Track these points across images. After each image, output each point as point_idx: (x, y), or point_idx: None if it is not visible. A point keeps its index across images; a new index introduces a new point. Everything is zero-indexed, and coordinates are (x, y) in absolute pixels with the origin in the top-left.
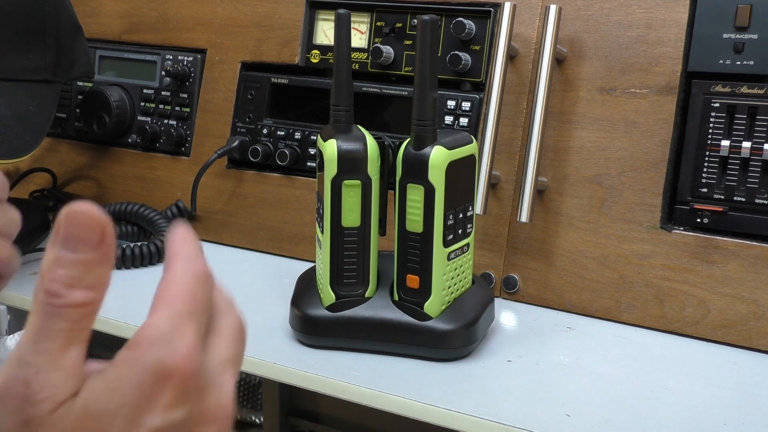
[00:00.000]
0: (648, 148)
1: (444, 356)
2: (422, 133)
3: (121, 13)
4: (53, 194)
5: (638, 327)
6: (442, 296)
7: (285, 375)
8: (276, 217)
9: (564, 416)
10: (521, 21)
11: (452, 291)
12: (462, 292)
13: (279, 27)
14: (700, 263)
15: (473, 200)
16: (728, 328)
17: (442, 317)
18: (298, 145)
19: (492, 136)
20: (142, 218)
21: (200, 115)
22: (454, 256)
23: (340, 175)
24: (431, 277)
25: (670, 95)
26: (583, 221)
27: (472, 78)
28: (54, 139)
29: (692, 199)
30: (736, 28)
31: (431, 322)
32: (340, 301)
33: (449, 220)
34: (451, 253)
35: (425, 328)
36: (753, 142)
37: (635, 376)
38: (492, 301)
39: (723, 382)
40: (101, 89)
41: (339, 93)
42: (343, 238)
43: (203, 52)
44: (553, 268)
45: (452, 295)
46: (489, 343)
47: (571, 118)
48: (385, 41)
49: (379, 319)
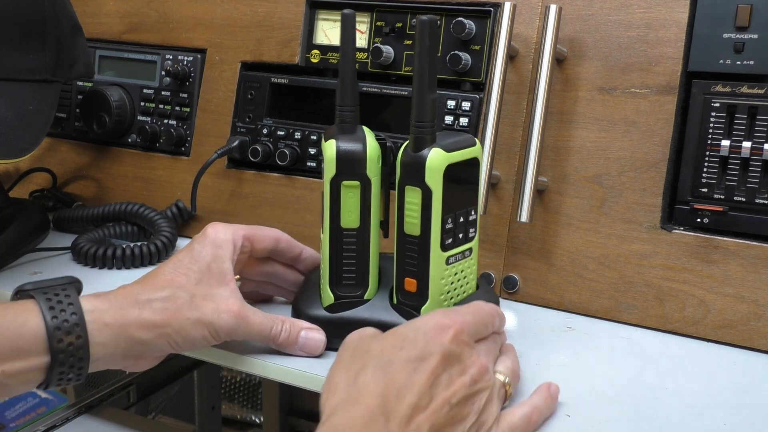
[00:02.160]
0: (648, 148)
1: None
2: (420, 134)
3: (121, 13)
4: (53, 194)
5: (638, 327)
6: (440, 301)
7: (285, 375)
8: (276, 217)
9: (564, 416)
10: (521, 21)
11: (452, 296)
12: (464, 297)
13: (279, 27)
14: (700, 263)
15: (476, 204)
16: (728, 328)
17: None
18: (298, 145)
19: (492, 136)
20: (142, 218)
21: (200, 115)
22: (453, 261)
23: (339, 175)
24: (428, 281)
25: (670, 95)
26: (583, 221)
27: (472, 78)
28: (54, 139)
29: (692, 199)
30: (736, 28)
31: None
32: (338, 302)
33: (448, 223)
34: (451, 257)
35: None
36: (753, 142)
37: (635, 376)
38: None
39: (723, 382)
40: (101, 89)
41: (344, 93)
42: (342, 239)
43: (203, 52)
44: (553, 268)
45: (452, 300)
46: None
47: (571, 118)
48: (385, 41)
49: (376, 321)
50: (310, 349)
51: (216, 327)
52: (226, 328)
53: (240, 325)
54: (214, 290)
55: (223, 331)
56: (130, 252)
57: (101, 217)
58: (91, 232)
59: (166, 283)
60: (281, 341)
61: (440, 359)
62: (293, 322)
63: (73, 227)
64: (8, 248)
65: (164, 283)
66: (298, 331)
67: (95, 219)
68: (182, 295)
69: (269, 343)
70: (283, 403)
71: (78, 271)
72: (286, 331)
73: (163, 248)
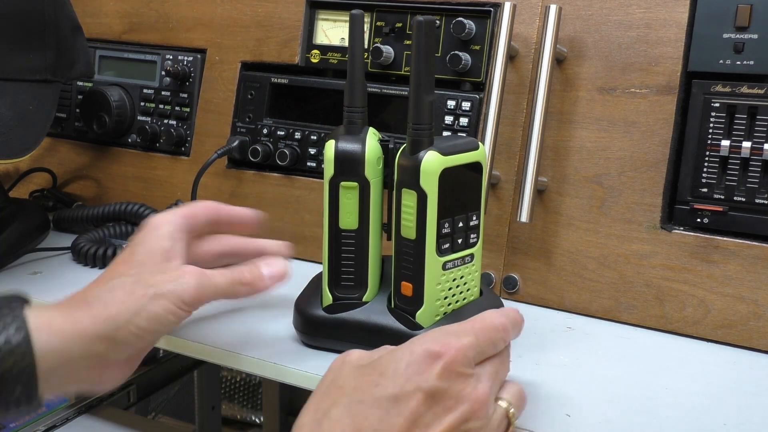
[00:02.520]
0: (648, 148)
1: None
2: (417, 137)
3: (121, 13)
4: (53, 194)
5: (638, 327)
6: (436, 306)
7: (285, 375)
8: (276, 217)
9: (564, 416)
10: (521, 21)
11: (449, 302)
12: (464, 303)
13: (279, 27)
14: (700, 263)
15: (479, 209)
16: (728, 328)
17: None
18: (298, 145)
19: (492, 136)
20: (142, 218)
21: (200, 115)
22: (451, 266)
23: (338, 176)
24: (423, 286)
25: (670, 95)
26: (583, 221)
27: (472, 78)
28: (54, 139)
29: (692, 199)
30: (736, 28)
31: (422, 332)
32: (336, 302)
33: (444, 228)
34: (448, 262)
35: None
36: (753, 142)
37: (635, 376)
38: None
39: (723, 382)
40: (101, 89)
41: (353, 94)
42: (340, 240)
43: (203, 52)
44: (553, 268)
45: (450, 306)
46: None
47: (571, 118)
48: (385, 41)
49: (372, 324)
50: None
51: (179, 294)
52: (190, 290)
53: (204, 283)
54: (162, 266)
55: (187, 295)
56: None
57: (101, 217)
58: (91, 232)
59: (110, 276)
60: (248, 280)
61: (422, 398)
62: (251, 262)
63: (73, 227)
64: (8, 248)
65: (108, 277)
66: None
67: (95, 219)
68: (129, 279)
69: (237, 293)
70: (283, 403)
71: (78, 271)
72: (248, 271)
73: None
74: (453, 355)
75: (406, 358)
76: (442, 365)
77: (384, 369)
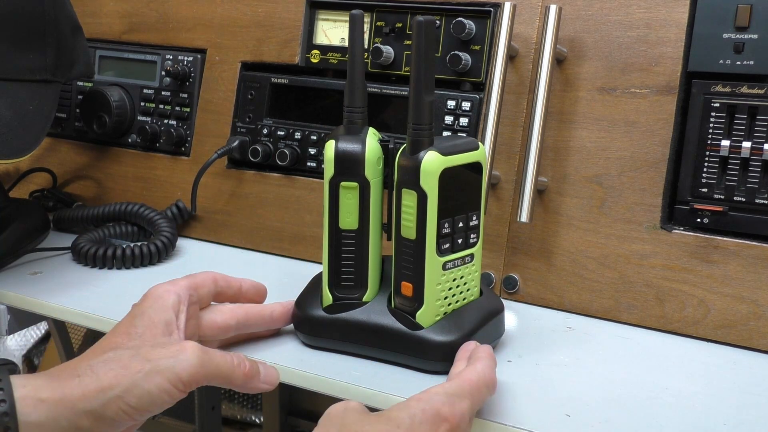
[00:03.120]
0: (648, 148)
1: (432, 368)
2: (417, 137)
3: (121, 13)
4: (53, 194)
5: (638, 327)
6: (436, 306)
7: (285, 375)
8: (276, 217)
9: (564, 416)
10: (521, 21)
11: (449, 302)
12: (464, 303)
13: (279, 27)
14: (700, 263)
15: (479, 209)
16: (728, 328)
17: (435, 328)
18: (298, 145)
19: (492, 136)
20: (142, 218)
21: (200, 115)
22: (452, 266)
23: (338, 176)
24: (423, 286)
25: (670, 95)
26: (583, 221)
27: (472, 78)
28: (54, 139)
29: (692, 199)
30: (736, 28)
31: (422, 332)
32: (336, 303)
33: (444, 228)
34: (448, 262)
35: (415, 337)
36: (753, 142)
37: (635, 376)
38: (499, 314)
39: (723, 382)
40: (101, 89)
41: (353, 94)
42: (340, 240)
43: (203, 52)
44: (553, 268)
45: (450, 306)
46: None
47: (571, 118)
48: (385, 41)
49: (372, 324)
50: (271, 379)
51: (177, 371)
52: (189, 368)
53: (204, 361)
54: (162, 339)
55: (186, 373)
56: (130, 252)
57: (101, 217)
58: (91, 232)
59: (107, 346)
60: (247, 371)
61: None
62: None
63: (73, 227)
64: (8, 248)
65: (104, 347)
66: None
67: (95, 219)
68: (126, 352)
69: (234, 378)
70: (283, 403)
71: (78, 271)
72: (245, 365)
73: (163, 248)
74: (457, 422)
75: (419, 416)
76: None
77: (400, 422)
